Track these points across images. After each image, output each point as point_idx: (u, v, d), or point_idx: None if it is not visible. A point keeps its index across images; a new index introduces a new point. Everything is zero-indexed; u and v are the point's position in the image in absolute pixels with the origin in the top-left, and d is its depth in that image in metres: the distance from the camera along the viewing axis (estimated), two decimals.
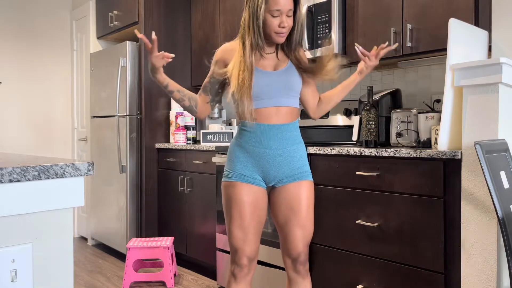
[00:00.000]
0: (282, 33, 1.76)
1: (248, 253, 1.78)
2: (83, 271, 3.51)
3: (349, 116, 2.88)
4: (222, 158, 2.98)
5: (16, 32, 4.38)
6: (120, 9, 4.05)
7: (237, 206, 1.78)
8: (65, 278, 1.06)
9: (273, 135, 1.78)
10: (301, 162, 1.84)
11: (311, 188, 1.84)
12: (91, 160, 4.23)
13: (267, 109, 1.79)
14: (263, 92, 1.78)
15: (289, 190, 1.81)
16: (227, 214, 1.82)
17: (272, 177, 1.81)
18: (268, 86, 1.78)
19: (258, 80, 1.77)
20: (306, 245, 1.82)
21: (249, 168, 1.80)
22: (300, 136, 1.87)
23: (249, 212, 1.77)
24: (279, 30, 1.75)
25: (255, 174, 1.80)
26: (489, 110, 1.76)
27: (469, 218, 1.83)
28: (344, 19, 2.68)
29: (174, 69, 3.94)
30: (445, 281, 1.93)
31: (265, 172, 1.80)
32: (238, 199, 1.78)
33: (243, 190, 1.78)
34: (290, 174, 1.81)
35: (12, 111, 4.36)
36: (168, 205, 3.70)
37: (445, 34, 2.13)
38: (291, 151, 1.81)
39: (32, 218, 1.01)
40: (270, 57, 1.85)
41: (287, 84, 1.81)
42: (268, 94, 1.78)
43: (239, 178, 1.79)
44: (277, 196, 1.84)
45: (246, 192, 1.78)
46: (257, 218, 1.79)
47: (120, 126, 3.81)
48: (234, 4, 3.52)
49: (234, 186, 1.79)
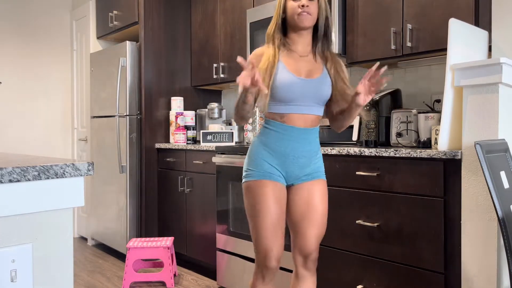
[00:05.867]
0: (304, 13, 1.76)
1: (276, 254, 1.77)
2: (83, 271, 3.51)
3: None
4: (222, 158, 2.98)
5: (16, 32, 4.38)
6: (120, 9, 4.05)
7: (265, 204, 1.76)
8: (65, 278, 1.06)
9: (300, 138, 1.80)
10: (320, 162, 1.88)
11: (326, 187, 1.88)
12: (91, 160, 4.23)
13: (297, 115, 1.80)
14: (294, 98, 1.78)
15: (307, 188, 1.83)
16: (254, 214, 1.78)
17: (294, 176, 1.82)
18: (300, 93, 1.78)
19: (291, 86, 1.77)
20: (318, 243, 1.83)
21: (273, 166, 1.80)
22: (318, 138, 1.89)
23: (276, 209, 1.77)
24: (299, 11, 1.76)
25: (278, 172, 1.81)
26: (489, 110, 1.75)
27: (469, 218, 1.83)
28: (344, 19, 2.68)
29: (174, 69, 3.94)
30: (445, 281, 1.93)
31: (287, 171, 1.81)
32: (266, 197, 1.76)
33: (269, 188, 1.77)
34: (310, 173, 1.84)
35: (12, 111, 4.36)
36: (168, 205, 3.70)
37: (445, 34, 2.13)
38: (313, 152, 1.84)
39: (32, 218, 1.01)
40: (304, 60, 1.84)
41: (317, 94, 1.80)
42: (299, 101, 1.79)
43: (266, 177, 1.79)
44: (294, 193, 1.84)
45: (272, 189, 1.78)
46: (282, 217, 1.80)
47: (120, 126, 3.81)
48: (234, 4, 3.52)
49: (261, 185, 1.78)
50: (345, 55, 2.69)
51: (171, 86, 3.94)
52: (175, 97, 3.84)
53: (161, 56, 3.87)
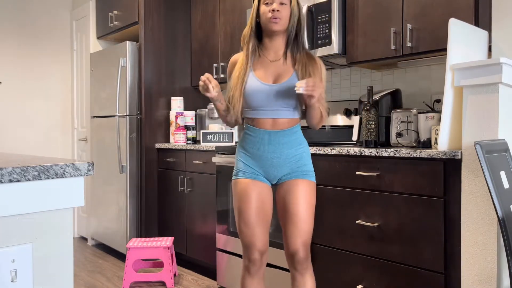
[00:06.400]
0: (275, 18, 1.83)
1: (259, 247, 1.85)
2: (83, 271, 3.51)
3: (349, 116, 2.88)
4: (222, 158, 2.98)
5: (16, 32, 4.38)
6: (120, 9, 4.05)
7: (243, 201, 1.86)
8: (65, 278, 1.06)
9: (270, 140, 1.87)
10: (301, 162, 1.89)
11: (311, 188, 1.87)
12: (91, 160, 4.23)
13: (264, 119, 1.88)
14: (260, 104, 1.87)
15: (287, 188, 1.87)
16: (235, 210, 1.90)
17: (272, 176, 1.90)
18: (265, 99, 1.86)
19: (256, 92, 1.86)
20: (303, 243, 1.84)
21: (251, 166, 1.90)
22: (300, 138, 1.92)
23: (255, 206, 1.85)
24: (270, 14, 1.83)
25: (257, 171, 1.89)
26: (489, 110, 1.75)
27: (469, 218, 1.83)
28: (344, 19, 2.68)
29: (174, 69, 3.94)
30: (445, 281, 1.93)
31: (265, 171, 1.89)
32: (244, 194, 1.86)
33: (248, 185, 1.87)
34: (290, 172, 1.88)
35: (12, 111, 4.36)
36: (168, 205, 3.70)
37: (445, 34, 2.13)
38: (289, 154, 1.88)
39: (32, 218, 1.01)
40: (274, 65, 1.91)
41: (284, 98, 1.86)
42: (265, 106, 1.87)
43: (244, 175, 1.89)
44: (277, 193, 1.92)
45: (251, 187, 1.87)
46: (264, 212, 1.86)
47: (120, 126, 3.81)
48: (234, 4, 3.52)
49: (240, 183, 1.88)
50: (345, 55, 2.68)
51: (171, 86, 3.94)
52: (175, 97, 3.84)
53: (161, 56, 3.87)
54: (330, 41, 2.67)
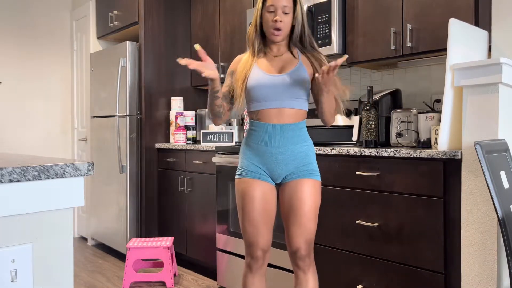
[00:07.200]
0: (277, 29, 1.83)
1: (262, 246, 1.86)
2: (83, 271, 3.51)
3: (349, 116, 2.88)
4: (222, 158, 2.98)
5: (16, 32, 4.38)
6: (120, 9, 4.05)
7: (246, 201, 1.85)
8: (65, 278, 1.06)
9: (275, 134, 1.85)
10: (306, 160, 1.88)
11: (316, 187, 1.87)
12: (91, 160, 4.23)
13: (269, 110, 1.86)
14: (265, 95, 1.85)
15: (292, 187, 1.86)
16: (239, 209, 1.90)
17: (277, 174, 1.88)
18: (270, 89, 1.85)
19: (260, 83, 1.85)
20: (305, 241, 1.85)
21: (256, 165, 1.88)
22: (306, 135, 1.91)
23: (258, 205, 1.84)
24: (273, 25, 1.83)
25: (261, 170, 1.87)
26: (489, 110, 1.75)
27: (469, 218, 1.83)
28: (344, 19, 2.68)
29: (174, 69, 3.94)
30: (445, 281, 1.93)
31: (270, 169, 1.87)
32: (247, 194, 1.85)
33: (251, 185, 1.86)
34: (295, 171, 1.86)
35: (12, 111, 4.36)
36: (168, 205, 3.70)
37: (445, 34, 2.13)
38: (294, 149, 1.86)
39: (32, 218, 1.01)
40: (279, 59, 1.91)
41: (291, 87, 1.85)
42: (270, 97, 1.85)
43: (247, 174, 1.88)
44: (281, 192, 1.91)
45: (254, 186, 1.86)
46: (267, 212, 1.86)
47: (120, 126, 3.81)
48: (234, 4, 3.52)
49: (243, 182, 1.87)
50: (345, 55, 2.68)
51: (171, 86, 3.94)
52: (175, 97, 3.84)
53: (161, 56, 3.87)
54: (330, 41, 2.67)
